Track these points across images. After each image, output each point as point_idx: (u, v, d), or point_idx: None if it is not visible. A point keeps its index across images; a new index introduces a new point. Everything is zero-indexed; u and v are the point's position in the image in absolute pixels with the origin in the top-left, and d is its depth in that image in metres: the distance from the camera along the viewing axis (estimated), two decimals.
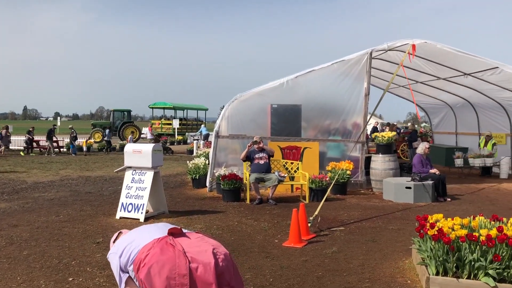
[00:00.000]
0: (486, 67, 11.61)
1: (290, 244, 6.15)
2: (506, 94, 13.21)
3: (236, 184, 9.45)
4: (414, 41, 10.87)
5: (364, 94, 11.19)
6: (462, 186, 12.05)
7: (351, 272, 5.06)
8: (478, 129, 16.33)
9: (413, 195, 9.53)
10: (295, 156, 10.78)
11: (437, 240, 4.52)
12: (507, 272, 4.32)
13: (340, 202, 9.56)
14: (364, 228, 7.19)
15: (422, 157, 10.45)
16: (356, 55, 11.15)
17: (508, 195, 10.59)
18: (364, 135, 11.46)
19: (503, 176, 13.73)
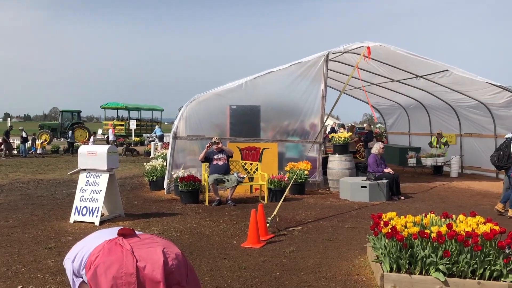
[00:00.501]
0: (437, 69, 12.07)
1: (249, 245, 6.16)
2: (456, 96, 13.78)
3: (195, 186, 9.37)
4: (369, 44, 11.16)
5: (321, 96, 11.37)
6: (415, 184, 12.47)
7: (308, 271, 5.12)
8: (430, 129, 16.96)
9: (368, 194, 9.77)
10: (254, 157, 10.82)
11: (391, 237, 4.65)
12: (456, 267, 4.50)
13: (298, 202, 9.67)
14: (322, 227, 7.30)
15: (377, 157, 10.74)
16: (313, 57, 11.31)
17: (458, 193, 11.04)
18: (321, 135, 11.66)
19: (453, 174, 14.32)
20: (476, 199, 10.16)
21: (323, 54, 11.36)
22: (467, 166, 15.14)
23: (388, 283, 4.56)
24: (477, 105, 13.55)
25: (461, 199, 10.13)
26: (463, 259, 4.48)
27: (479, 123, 14.15)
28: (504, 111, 12.71)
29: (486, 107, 13.32)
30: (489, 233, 4.52)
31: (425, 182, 13.04)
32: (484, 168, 14.23)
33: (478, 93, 12.70)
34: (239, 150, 10.71)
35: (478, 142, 14.46)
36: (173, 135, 10.73)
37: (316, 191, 11.09)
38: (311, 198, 10.12)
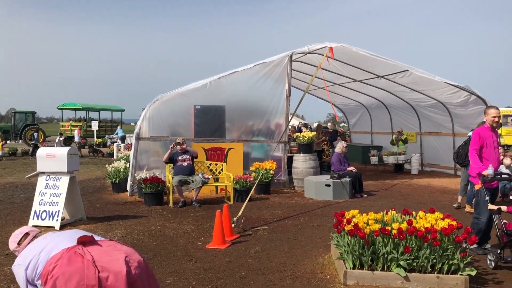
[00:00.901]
0: (398, 70, 12.37)
1: (214, 246, 6.13)
2: (416, 95, 14.17)
3: (159, 187, 9.24)
4: (332, 45, 11.32)
5: (286, 96, 11.45)
6: (377, 182, 12.74)
7: (273, 271, 5.14)
8: (391, 128, 17.36)
9: (332, 192, 9.91)
10: (220, 157, 10.77)
11: (353, 235, 4.73)
12: (416, 262, 4.63)
13: (264, 201, 9.70)
14: (287, 226, 7.35)
15: (340, 155, 10.91)
16: (277, 57, 11.37)
17: (418, 190, 11.36)
18: (286, 135, 11.73)
19: (414, 172, 14.71)
20: (436, 196, 10.48)
21: (287, 54, 11.44)
22: (427, 164, 15.59)
23: (351, 280, 4.64)
24: (435, 104, 13.97)
25: (421, 196, 10.42)
26: (423, 255, 4.61)
27: (438, 121, 14.59)
28: (461, 110, 13.16)
29: (444, 106, 13.76)
30: (447, 228, 4.66)
31: (387, 179, 13.34)
32: (443, 166, 14.71)
33: (436, 93, 13.10)
34: (204, 150, 10.65)
35: (437, 140, 14.92)
36: (136, 136, 10.54)
37: (282, 190, 11.16)
38: (276, 198, 10.17)
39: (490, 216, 5.60)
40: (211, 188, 10.40)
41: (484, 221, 5.82)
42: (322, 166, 12.73)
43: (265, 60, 11.35)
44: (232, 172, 9.94)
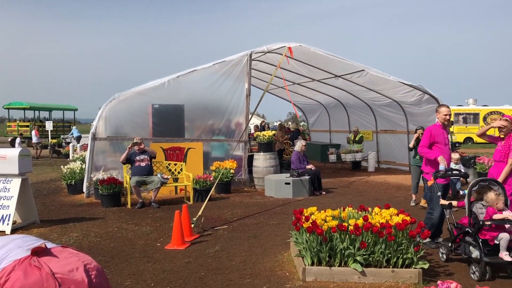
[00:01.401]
0: (354, 69, 12.64)
1: (173, 247, 6.06)
2: (372, 94, 14.52)
3: (116, 188, 9.04)
4: (290, 44, 11.43)
5: (246, 95, 11.46)
6: (335, 179, 12.97)
7: (233, 270, 5.14)
8: (348, 127, 17.72)
9: (292, 190, 10.01)
10: (179, 157, 10.65)
11: (311, 232, 4.79)
12: (372, 257, 4.74)
13: (224, 201, 9.67)
14: (247, 225, 7.36)
15: (300, 154, 11.03)
16: (236, 56, 11.36)
17: (375, 187, 11.65)
18: (246, 134, 11.74)
19: (371, 169, 15.09)
20: (391, 192, 10.78)
21: (246, 54, 11.45)
22: (383, 161, 16.03)
23: (309, 277, 4.70)
24: (391, 103, 14.37)
25: (378, 192, 10.70)
26: (379, 249, 4.72)
27: (393, 120, 15.02)
28: (415, 109, 13.59)
29: (399, 105, 14.17)
30: (401, 223, 4.80)
31: (345, 177, 13.62)
32: (399, 163, 15.15)
33: (391, 92, 13.47)
34: (163, 150, 10.50)
35: (393, 138, 15.36)
36: (92, 136, 10.26)
37: (242, 190, 11.17)
38: (237, 197, 10.17)
39: (443, 211, 5.81)
40: (170, 188, 10.27)
41: (437, 216, 6.04)
42: (282, 165, 12.85)
43: (224, 59, 11.31)
44: (191, 172, 9.86)
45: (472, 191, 5.27)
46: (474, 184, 5.30)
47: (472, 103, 32.21)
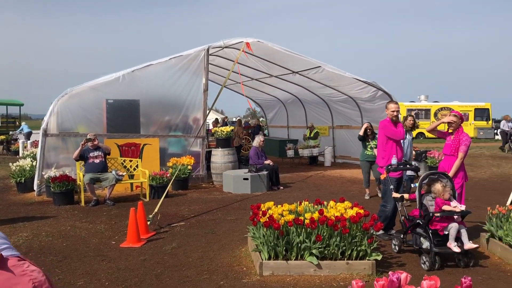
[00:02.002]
0: (311, 66, 12.80)
1: (128, 245, 5.94)
2: (328, 90, 14.76)
3: (69, 186, 8.76)
4: (248, 40, 11.42)
5: (203, 90, 11.36)
6: (293, 174, 13.11)
7: (190, 266, 5.09)
8: (306, 122, 17.94)
9: (250, 185, 10.04)
10: (134, 153, 10.43)
11: (268, 226, 4.82)
12: (327, 250, 4.82)
13: (182, 197, 9.58)
14: (204, 221, 7.32)
15: (258, 149, 11.07)
16: (193, 51, 11.23)
17: (331, 181, 11.87)
18: (204, 130, 11.66)
19: (327, 164, 15.35)
20: (347, 186, 11.02)
21: (204, 48, 11.34)
22: (339, 156, 16.35)
23: (266, 271, 4.73)
24: (346, 99, 14.66)
25: (334, 186, 10.91)
26: (334, 242, 4.81)
27: (348, 115, 15.33)
28: (369, 105, 13.92)
29: (354, 101, 14.47)
30: (355, 216, 4.91)
31: (302, 171, 13.79)
32: (354, 157, 15.46)
33: (347, 88, 13.74)
34: (118, 146, 10.25)
35: (348, 133, 15.68)
36: (43, 132, 9.88)
37: (200, 186, 11.09)
38: (194, 193, 10.09)
39: (395, 204, 5.99)
40: (125, 185, 10.06)
41: (390, 209, 6.22)
42: (240, 160, 12.86)
43: (181, 53, 11.16)
44: (148, 168, 9.68)
45: (423, 184, 5.46)
46: (424, 177, 5.49)
47: (424, 100, 33.38)
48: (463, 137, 5.95)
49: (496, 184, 11.18)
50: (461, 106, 31.60)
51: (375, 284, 2.31)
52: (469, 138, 6.02)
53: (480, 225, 6.13)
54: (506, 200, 8.14)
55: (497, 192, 9.92)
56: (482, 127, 32.20)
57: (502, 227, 5.44)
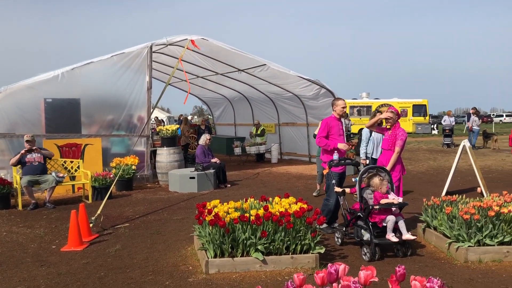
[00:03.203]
0: (256, 64, 12.89)
1: (70, 248, 5.74)
2: (274, 88, 14.93)
3: (4, 190, 8.32)
4: (192, 37, 11.32)
5: (147, 88, 11.16)
6: (240, 172, 13.18)
7: (135, 267, 5.01)
8: (252, 120, 18.08)
9: (197, 184, 9.99)
10: (75, 154, 10.08)
11: (214, 224, 4.82)
12: (272, 246, 4.90)
13: (126, 198, 9.37)
14: (150, 222, 7.21)
15: (204, 148, 11.03)
16: (136, 48, 11.00)
17: (277, 177, 12.03)
18: (149, 128, 11.46)
19: (274, 161, 15.56)
20: (293, 182, 11.21)
21: (147, 46, 11.14)
22: (285, 153, 16.60)
23: (212, 269, 4.74)
24: (291, 97, 14.90)
25: (280, 183, 11.07)
26: (279, 237, 4.90)
27: (293, 113, 15.59)
28: (313, 102, 14.23)
29: (299, 99, 14.73)
30: (299, 211, 5.02)
31: (249, 169, 13.89)
32: (299, 154, 15.80)
33: (292, 86, 13.96)
34: (58, 147, 9.86)
35: (294, 130, 15.96)
36: None
37: (145, 186, 10.90)
38: (139, 193, 9.90)
39: (338, 198, 6.17)
40: (67, 187, 9.71)
41: (333, 203, 6.41)
42: (186, 159, 12.75)
43: (123, 50, 10.91)
44: (90, 169, 9.39)
45: (363, 178, 5.67)
46: (364, 171, 5.70)
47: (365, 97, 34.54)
48: (399, 132, 6.22)
49: (432, 176, 11.78)
50: (400, 103, 32.99)
51: (315, 277, 2.39)
52: (405, 133, 6.31)
53: (417, 216, 6.45)
54: (441, 192, 8.64)
55: (433, 184, 10.46)
56: (420, 122, 33.79)
57: (436, 217, 5.75)
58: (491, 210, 5.11)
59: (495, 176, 11.54)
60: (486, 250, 5.01)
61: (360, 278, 2.29)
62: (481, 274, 4.62)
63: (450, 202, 5.85)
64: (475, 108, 20.82)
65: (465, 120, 47.16)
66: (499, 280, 4.46)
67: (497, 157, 16.06)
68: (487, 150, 18.76)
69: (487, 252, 5.01)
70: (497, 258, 4.98)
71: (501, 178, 11.14)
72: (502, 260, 4.97)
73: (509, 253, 5.00)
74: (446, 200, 5.93)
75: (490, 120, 57.44)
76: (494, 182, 10.42)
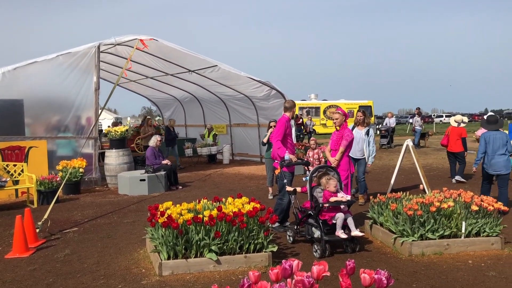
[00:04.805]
0: (207, 65, 12.89)
1: (15, 255, 5.52)
2: (225, 89, 14.98)
3: None
4: (141, 37, 11.17)
5: (94, 88, 10.88)
6: (192, 173, 13.11)
7: (85, 272, 4.89)
8: (203, 121, 18.03)
9: (147, 186, 9.85)
10: (19, 157, 9.66)
11: (167, 226, 4.81)
12: (226, 246, 4.94)
13: (74, 202, 9.10)
14: (99, 225, 7.05)
15: (155, 149, 10.88)
16: (83, 48, 10.71)
17: (229, 178, 12.08)
18: (96, 130, 11.18)
19: (226, 161, 15.59)
20: (245, 182, 11.30)
21: (94, 45, 10.87)
22: (237, 153, 16.69)
23: (166, 271, 4.72)
24: (243, 98, 15.00)
25: (232, 183, 11.13)
26: (232, 237, 4.95)
27: (245, 114, 15.70)
28: (264, 103, 14.41)
29: (250, 100, 14.86)
30: (252, 211, 5.10)
31: (201, 170, 13.85)
32: (251, 154, 15.93)
33: (243, 87, 14.07)
34: None
35: (245, 131, 16.07)
36: None
37: (94, 189, 10.63)
38: (88, 197, 9.64)
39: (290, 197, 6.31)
40: (9, 191, 9.30)
41: (286, 202, 6.54)
42: (136, 161, 12.53)
43: (69, 50, 10.59)
44: (35, 172, 9.05)
45: (313, 177, 5.83)
46: (314, 170, 5.86)
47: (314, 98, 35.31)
48: (345, 132, 6.46)
49: (377, 175, 12.24)
50: (347, 104, 33.98)
51: (270, 273, 2.47)
52: (351, 134, 6.55)
53: (365, 213, 6.71)
54: (386, 189, 9.01)
55: (379, 182, 10.89)
56: None
57: (382, 214, 6.02)
58: (433, 206, 5.41)
59: (436, 173, 12.16)
60: (428, 244, 5.31)
61: (313, 272, 2.38)
62: (424, 267, 4.89)
63: (395, 199, 6.14)
64: (419, 109, 21.80)
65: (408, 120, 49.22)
66: (440, 272, 4.74)
67: (437, 155, 16.90)
68: (428, 149, 19.70)
69: (429, 246, 5.30)
70: (438, 251, 5.29)
71: (441, 175, 11.76)
72: (442, 252, 5.28)
73: (449, 246, 5.33)
74: (391, 197, 6.21)
75: (431, 121, 60.23)
76: (435, 179, 10.99)
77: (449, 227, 5.43)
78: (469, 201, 5.66)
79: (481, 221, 5.51)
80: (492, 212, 5.57)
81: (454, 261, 5.05)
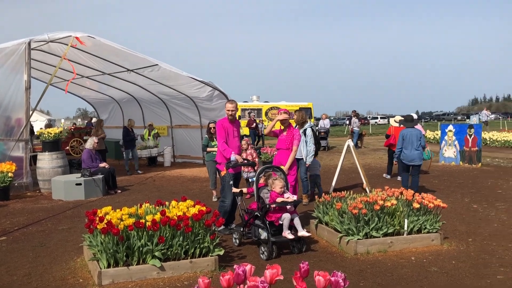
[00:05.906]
0: (147, 64, 12.49)
1: None
2: (166, 90, 14.59)
3: None
4: (77, 34, 10.63)
5: (25, 88, 10.19)
6: (131, 177, 12.65)
7: (14, 285, 4.50)
8: (143, 122, 17.48)
9: (84, 191, 9.35)
10: None
11: (107, 232, 4.52)
12: (170, 251, 4.74)
13: (2, 208, 8.45)
14: (31, 233, 6.56)
15: (91, 152, 10.37)
16: (11, 44, 10.03)
17: (171, 181, 11.76)
18: (27, 132, 10.48)
19: (167, 164, 15.20)
20: (187, 185, 11.05)
21: (24, 42, 10.19)
22: (179, 155, 16.33)
23: (106, 280, 4.43)
24: (184, 99, 14.69)
25: (174, 186, 10.83)
26: (177, 242, 4.75)
27: (187, 115, 15.39)
28: (207, 104, 14.19)
29: (192, 101, 14.58)
30: (197, 214, 4.92)
31: (141, 173, 13.38)
32: (193, 156, 15.64)
33: (184, 88, 13.78)
34: None
35: (187, 133, 15.76)
36: None
37: (25, 195, 9.95)
38: (18, 203, 8.99)
39: (235, 198, 6.19)
40: None
41: (229, 204, 6.41)
42: (72, 165, 11.90)
43: None
44: None
45: (260, 177, 5.75)
46: (261, 171, 5.78)
47: (256, 100, 35.47)
48: (295, 132, 6.47)
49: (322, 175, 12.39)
50: (287, 106, 34.37)
51: (221, 279, 2.32)
52: (300, 134, 6.57)
53: (310, 213, 6.73)
54: (329, 189, 9.14)
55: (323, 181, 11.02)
56: None
57: (327, 213, 6.05)
58: (376, 204, 5.50)
59: (374, 172, 12.53)
60: (373, 242, 5.38)
61: (266, 277, 2.27)
62: (370, 265, 4.95)
63: (339, 198, 6.19)
64: (355, 111, 22.47)
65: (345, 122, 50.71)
66: (385, 269, 4.81)
67: (375, 155, 17.48)
68: (366, 149, 20.34)
69: (374, 244, 5.38)
70: (382, 249, 5.38)
71: (380, 174, 12.13)
72: (386, 250, 5.38)
73: (392, 243, 5.44)
74: (336, 197, 6.26)
75: (367, 122, 62.57)
76: (374, 178, 11.30)
77: (392, 225, 5.54)
78: (411, 199, 5.82)
79: (422, 218, 5.68)
80: (432, 210, 5.76)
81: (398, 258, 5.15)
